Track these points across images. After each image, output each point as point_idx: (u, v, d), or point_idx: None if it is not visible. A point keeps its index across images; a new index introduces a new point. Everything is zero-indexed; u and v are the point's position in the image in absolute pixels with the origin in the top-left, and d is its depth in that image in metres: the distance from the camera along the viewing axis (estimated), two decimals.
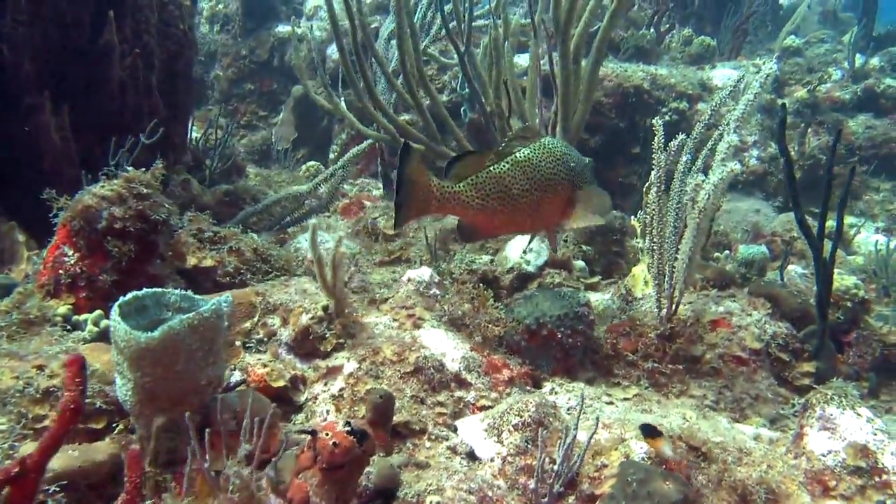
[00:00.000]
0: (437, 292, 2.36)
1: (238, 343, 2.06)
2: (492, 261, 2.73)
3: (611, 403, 2.23)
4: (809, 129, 5.16)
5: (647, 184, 2.52)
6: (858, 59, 5.47)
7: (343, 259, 2.08)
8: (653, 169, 2.32)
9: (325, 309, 2.11)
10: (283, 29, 5.51)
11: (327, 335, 2.08)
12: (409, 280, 2.37)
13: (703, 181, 2.19)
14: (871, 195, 4.98)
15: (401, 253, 3.11)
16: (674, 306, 2.44)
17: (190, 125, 3.48)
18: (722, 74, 5.46)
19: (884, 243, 3.88)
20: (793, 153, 4.98)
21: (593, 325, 2.35)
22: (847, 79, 5.42)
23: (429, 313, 2.26)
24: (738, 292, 2.78)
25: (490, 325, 2.21)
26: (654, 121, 2.33)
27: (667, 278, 2.40)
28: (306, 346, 2.07)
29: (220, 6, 5.58)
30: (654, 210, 2.33)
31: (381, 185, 3.84)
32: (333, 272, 2.05)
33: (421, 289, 2.35)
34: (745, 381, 2.46)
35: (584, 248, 3.09)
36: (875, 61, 5.47)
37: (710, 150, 2.38)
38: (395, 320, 2.21)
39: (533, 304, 2.29)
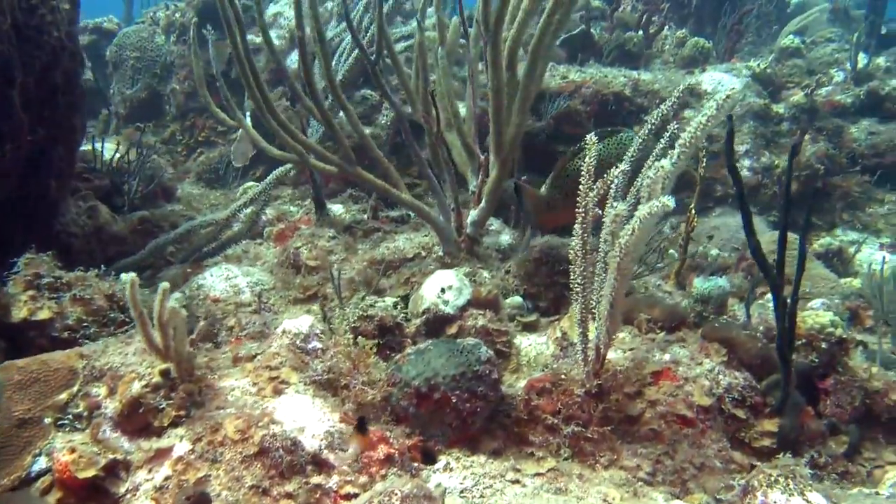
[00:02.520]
0: (318, 346, 2.00)
1: (48, 420, 1.71)
2: (396, 304, 2.36)
3: (517, 482, 1.85)
4: (807, 136, 4.73)
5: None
6: (862, 60, 5.03)
7: (176, 315, 1.72)
8: (580, 190, 1.94)
9: (164, 373, 1.76)
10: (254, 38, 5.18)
11: (165, 406, 1.73)
12: (283, 332, 2.01)
13: (624, 212, 1.81)
14: (875, 208, 4.54)
15: (317, 289, 2.76)
16: (600, 358, 2.05)
17: (93, 144, 3.16)
18: (711, 79, 5.04)
19: (879, 264, 3.47)
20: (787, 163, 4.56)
21: (497, 385, 1.97)
22: (849, 81, 4.98)
23: (297, 375, 1.90)
24: (691, 335, 2.39)
25: (365, 389, 1.85)
26: (588, 137, 1.96)
27: (594, 328, 2.02)
28: (136, 421, 1.72)
29: (177, 15, 5.27)
30: (577, 245, 1.95)
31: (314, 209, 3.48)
32: (162, 331, 1.70)
33: (298, 342, 1.99)
34: (689, 446, 2.07)
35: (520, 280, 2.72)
36: (881, 61, 5.03)
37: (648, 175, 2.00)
38: (254, 384, 1.86)
39: (424, 361, 1.92)
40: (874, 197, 4.58)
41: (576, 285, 1.98)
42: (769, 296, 3.36)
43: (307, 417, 1.75)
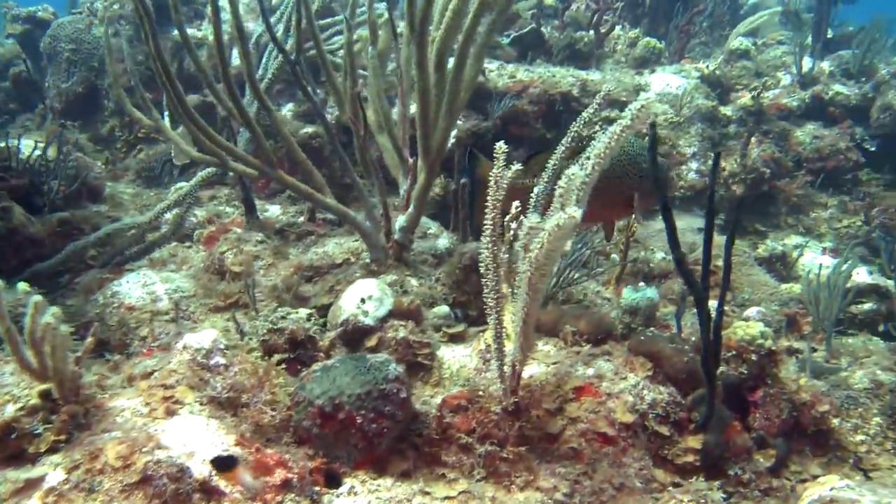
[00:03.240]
0: (222, 362, 1.90)
1: None
2: (310, 315, 2.27)
3: None
4: (753, 139, 4.72)
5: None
6: (807, 63, 5.02)
7: (51, 330, 1.60)
8: (486, 207, 1.86)
9: (44, 395, 1.65)
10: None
11: (42, 431, 1.62)
12: (184, 347, 1.91)
13: (537, 224, 1.73)
14: (819, 212, 4.54)
15: (239, 297, 2.66)
16: (516, 375, 1.98)
17: (7, 141, 3.02)
18: (660, 80, 5.02)
19: (817, 269, 3.44)
20: (734, 165, 4.55)
21: (407, 404, 1.89)
22: (795, 84, 4.98)
23: (194, 394, 1.79)
24: (618, 348, 2.32)
25: (265, 409, 1.75)
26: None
27: (509, 343, 1.94)
28: (8, 447, 1.61)
29: (116, 6, 5.10)
30: (487, 257, 1.87)
31: (243, 210, 3.36)
32: (35, 349, 1.58)
33: (199, 358, 1.89)
34: (609, 465, 2.01)
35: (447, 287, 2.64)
36: (825, 66, 5.03)
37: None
38: (146, 404, 1.75)
39: (330, 378, 1.83)
40: (818, 201, 4.57)
41: (489, 299, 1.90)
42: (711, 304, 3.34)
43: (199, 441, 1.65)
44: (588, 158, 1.67)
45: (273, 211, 3.87)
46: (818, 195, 4.57)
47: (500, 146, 1.80)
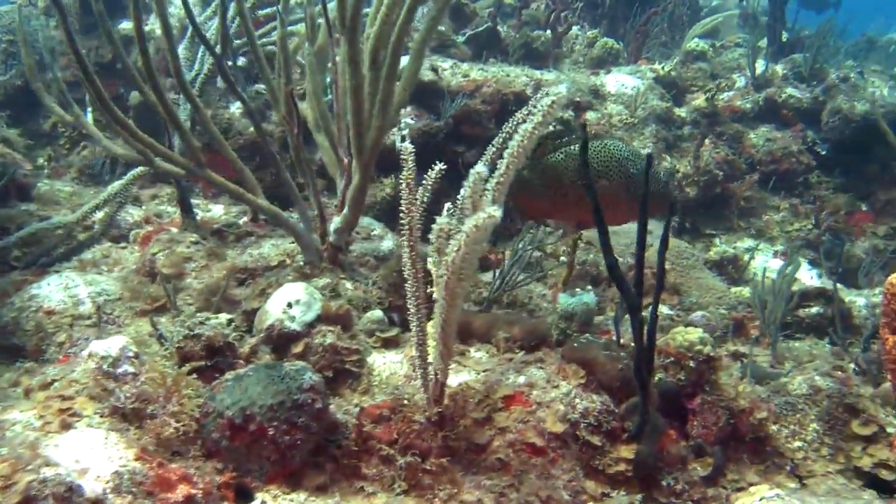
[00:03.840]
0: (130, 371, 1.81)
1: None
2: (230, 320, 2.18)
3: None
4: (707, 141, 4.69)
5: None
6: (760, 66, 5.02)
7: None
8: (400, 208, 1.78)
9: None
10: (128, 25, 4.90)
11: None
12: (90, 355, 1.81)
13: (448, 225, 1.65)
14: (771, 215, 4.53)
15: (167, 300, 2.56)
16: (439, 383, 1.91)
17: None
18: (615, 80, 4.98)
19: (762, 273, 3.42)
20: (688, 167, 4.52)
21: (323, 414, 1.81)
22: (750, 87, 4.96)
23: (94, 405, 1.70)
24: (552, 355, 2.26)
25: (169, 421, 1.66)
26: (400, 144, 1.81)
27: (431, 348, 1.87)
28: None
29: None
30: (406, 260, 1.80)
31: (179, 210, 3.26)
32: None
33: (105, 367, 1.79)
34: (537, 477, 1.94)
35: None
36: (779, 69, 5.02)
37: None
38: (40, 417, 1.65)
39: (242, 388, 1.75)
40: (770, 204, 4.56)
41: (410, 305, 1.83)
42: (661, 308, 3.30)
43: (95, 456, 1.56)
44: (503, 158, 1.60)
45: (216, 211, 3.77)
46: (770, 198, 4.56)
47: (407, 147, 1.72)
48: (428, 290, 1.84)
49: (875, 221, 4.43)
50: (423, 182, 1.63)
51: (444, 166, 1.65)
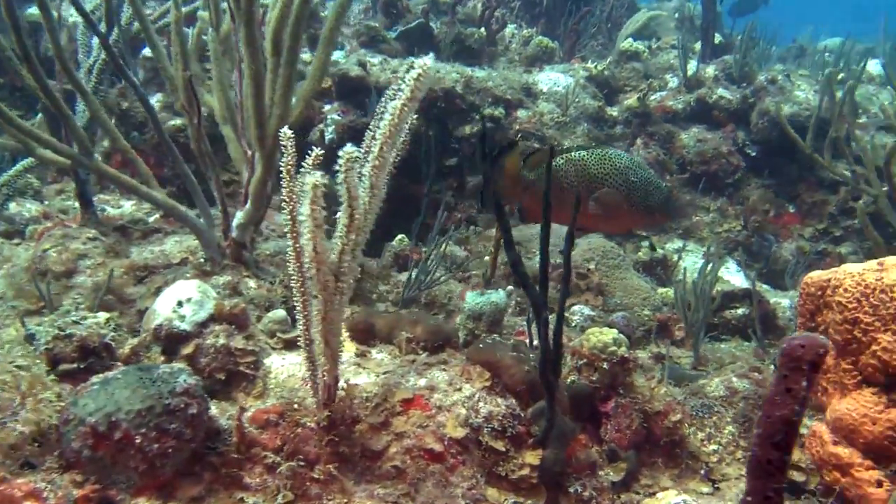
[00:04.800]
0: None
1: None
2: (109, 319, 2.03)
3: None
4: (639, 141, 4.66)
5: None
6: (692, 67, 5.00)
7: None
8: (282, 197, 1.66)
9: None
10: (36, 11, 4.67)
11: None
12: None
13: (305, 216, 1.54)
14: (700, 216, 4.50)
15: (48, 298, 2.39)
16: (326, 385, 1.79)
17: None
18: (548, 78, 4.91)
19: (691, 273, 3.37)
20: None
21: (199, 420, 1.67)
22: (681, 87, 4.94)
23: None
24: (456, 356, 2.16)
25: (22, 430, 1.52)
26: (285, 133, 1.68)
27: (316, 346, 1.75)
28: None
29: None
30: (290, 255, 1.68)
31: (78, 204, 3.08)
32: None
33: None
34: (434, 485, 1.84)
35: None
36: (711, 70, 5.01)
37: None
38: None
39: (108, 393, 1.61)
40: (700, 205, 4.54)
41: (296, 301, 1.71)
42: (577, 307, 3.23)
43: None
44: (374, 139, 1.50)
45: (126, 207, 3.60)
46: (701, 199, 4.53)
47: (286, 132, 1.60)
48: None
49: (801, 223, 4.44)
50: (302, 168, 1.51)
51: (322, 151, 1.53)
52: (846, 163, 3.46)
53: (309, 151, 1.53)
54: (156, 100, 4.42)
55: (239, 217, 2.51)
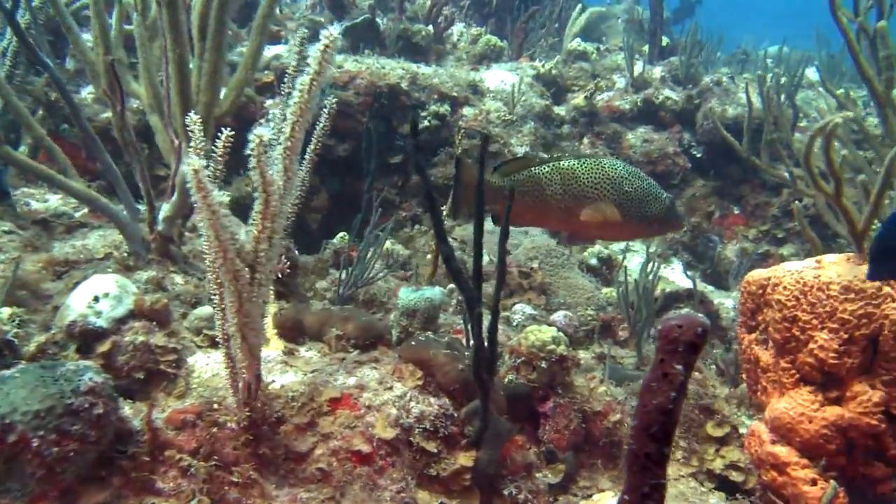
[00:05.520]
0: None
1: None
2: (13, 315, 1.91)
3: None
4: (586, 140, 4.63)
5: None
6: (639, 68, 5.00)
7: None
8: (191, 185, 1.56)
9: None
10: None
11: None
12: None
13: (218, 205, 1.44)
14: None
15: None
16: (246, 383, 1.70)
17: None
18: (495, 76, 4.87)
19: (639, 273, 3.34)
20: None
21: (105, 421, 1.56)
22: (629, 88, 4.93)
23: None
24: (388, 354, 2.08)
25: None
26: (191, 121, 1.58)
27: (233, 343, 1.65)
28: None
29: None
30: (206, 244, 1.58)
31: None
32: None
33: None
34: (361, 488, 1.76)
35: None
36: (658, 71, 5.01)
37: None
38: None
39: (3, 393, 1.49)
40: None
41: (212, 294, 1.61)
42: (519, 306, 3.16)
43: None
44: (286, 118, 1.41)
45: (52, 201, 3.44)
46: None
47: (193, 117, 1.51)
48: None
49: (746, 224, 4.45)
50: (213, 152, 1.42)
51: (233, 132, 1.44)
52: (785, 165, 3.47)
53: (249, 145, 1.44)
54: (87, 92, 4.26)
55: (165, 209, 2.39)
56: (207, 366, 2.08)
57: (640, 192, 2.49)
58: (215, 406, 1.75)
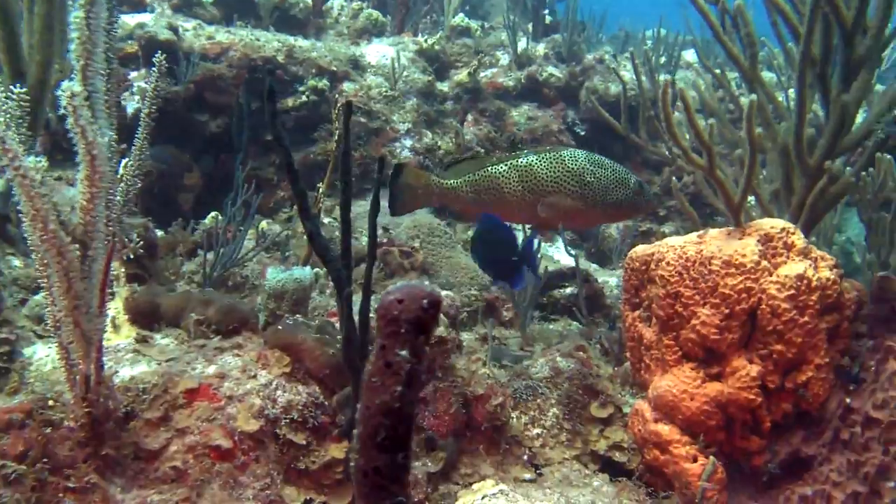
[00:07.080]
0: None
1: None
2: None
3: None
4: (470, 117, 4.54)
5: None
6: (523, 45, 4.94)
7: None
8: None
9: None
10: None
11: None
12: None
13: (31, 170, 1.25)
14: None
15: None
16: (84, 376, 1.50)
17: None
18: (376, 51, 4.71)
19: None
20: (450, 144, 4.33)
21: None
22: (512, 64, 4.87)
23: None
24: (253, 340, 1.92)
25: None
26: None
27: (65, 329, 1.46)
28: None
29: None
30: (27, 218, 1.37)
31: None
32: None
33: None
34: (221, 487, 1.60)
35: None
36: (541, 48, 4.97)
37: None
38: None
39: None
40: None
41: (39, 275, 1.41)
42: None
43: None
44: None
45: None
46: None
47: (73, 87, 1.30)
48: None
49: None
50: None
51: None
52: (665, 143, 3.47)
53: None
54: None
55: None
56: (48, 357, 1.87)
57: (603, 180, 2.54)
58: (50, 403, 1.55)
